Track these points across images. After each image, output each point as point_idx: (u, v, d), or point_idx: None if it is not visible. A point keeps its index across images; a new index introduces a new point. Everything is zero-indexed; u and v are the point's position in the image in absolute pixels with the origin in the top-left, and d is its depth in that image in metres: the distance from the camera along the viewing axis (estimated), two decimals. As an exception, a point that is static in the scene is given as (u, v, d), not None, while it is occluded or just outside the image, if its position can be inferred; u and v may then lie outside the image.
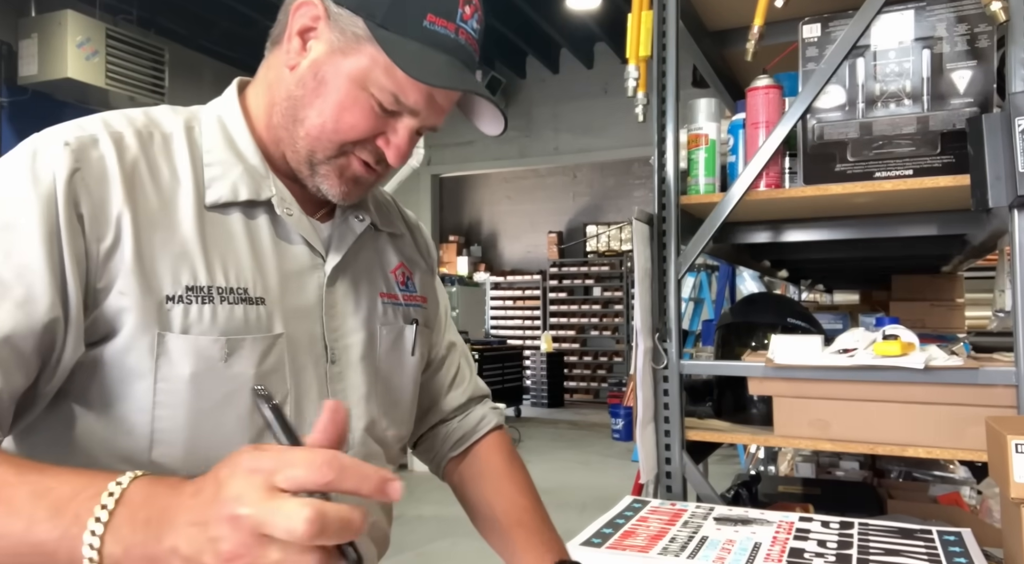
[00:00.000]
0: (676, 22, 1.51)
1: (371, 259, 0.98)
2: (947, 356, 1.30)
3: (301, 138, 0.84)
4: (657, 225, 1.52)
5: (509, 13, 8.16)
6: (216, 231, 0.82)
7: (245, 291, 0.82)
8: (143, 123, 0.83)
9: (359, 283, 0.95)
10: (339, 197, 0.87)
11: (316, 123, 0.83)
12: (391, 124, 0.84)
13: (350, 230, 0.94)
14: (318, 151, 0.84)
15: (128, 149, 0.79)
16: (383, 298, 0.97)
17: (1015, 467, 0.88)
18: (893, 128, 1.36)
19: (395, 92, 0.81)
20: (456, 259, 12.24)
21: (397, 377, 0.98)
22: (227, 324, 0.79)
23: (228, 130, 0.87)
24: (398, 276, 1.02)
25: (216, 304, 0.79)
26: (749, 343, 1.71)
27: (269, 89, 0.88)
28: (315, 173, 0.86)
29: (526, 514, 1.00)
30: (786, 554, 0.95)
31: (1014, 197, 1.14)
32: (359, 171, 0.86)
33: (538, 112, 9.89)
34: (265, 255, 0.85)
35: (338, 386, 0.89)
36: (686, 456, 1.50)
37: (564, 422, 9.84)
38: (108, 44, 5.69)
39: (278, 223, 0.87)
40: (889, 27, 1.36)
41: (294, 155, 0.86)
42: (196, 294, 0.78)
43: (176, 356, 0.76)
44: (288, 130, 0.86)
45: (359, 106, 0.82)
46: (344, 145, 0.84)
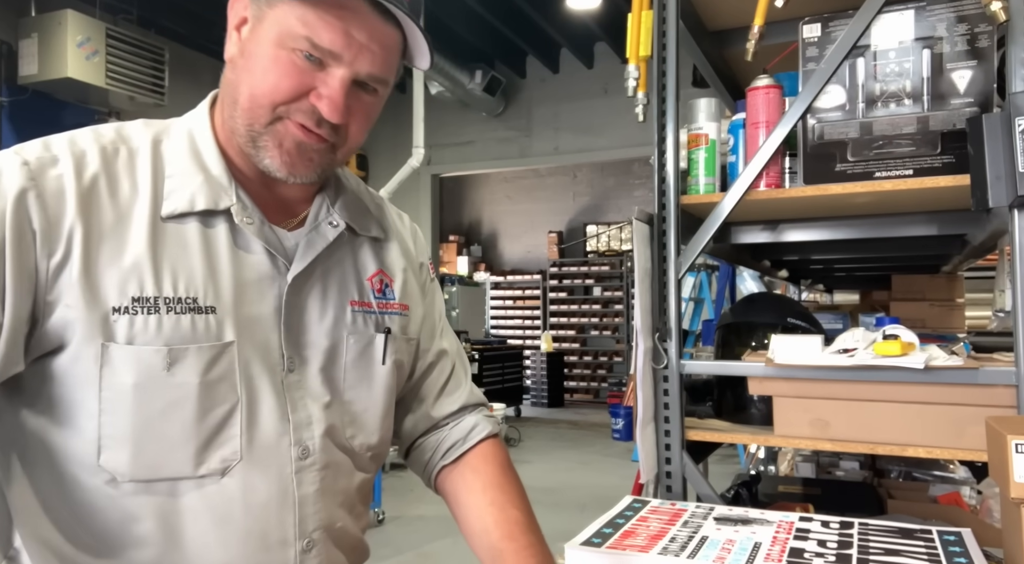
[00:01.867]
0: (676, 22, 1.51)
1: (345, 266, 0.97)
2: (947, 356, 1.30)
3: (239, 118, 0.84)
4: (657, 225, 1.52)
5: (509, 13, 8.16)
6: (170, 242, 0.83)
7: (195, 301, 0.82)
8: (111, 140, 0.85)
9: (327, 291, 0.93)
10: (284, 169, 0.85)
11: (247, 95, 0.83)
12: (320, 78, 0.82)
13: (321, 237, 0.93)
14: (254, 122, 0.83)
15: (88, 166, 0.81)
16: (354, 306, 0.95)
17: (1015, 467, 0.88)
18: (893, 128, 1.36)
19: (309, 36, 0.80)
20: (456, 259, 12.24)
21: (365, 386, 0.96)
22: (171, 334, 0.80)
23: (195, 142, 0.88)
24: (375, 284, 0.99)
25: (162, 314, 0.80)
26: (749, 343, 1.71)
27: (221, 92, 0.89)
28: (258, 149, 0.85)
29: (517, 528, 0.97)
30: (786, 554, 0.95)
31: (1014, 197, 1.14)
32: (298, 135, 0.83)
33: (538, 112, 9.89)
34: (220, 264, 0.85)
35: (296, 394, 0.88)
36: (686, 456, 1.49)
37: (564, 422, 9.84)
38: (108, 44, 5.69)
39: (238, 232, 0.87)
40: (889, 27, 1.36)
41: (240, 139, 0.86)
42: (142, 305, 0.79)
43: (119, 365, 0.78)
44: (232, 117, 0.86)
45: (280, 64, 0.81)
46: (275, 108, 0.82)
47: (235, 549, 0.83)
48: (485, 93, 9.41)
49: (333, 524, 0.91)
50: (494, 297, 12.45)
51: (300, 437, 0.88)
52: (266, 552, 0.85)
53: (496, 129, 10.04)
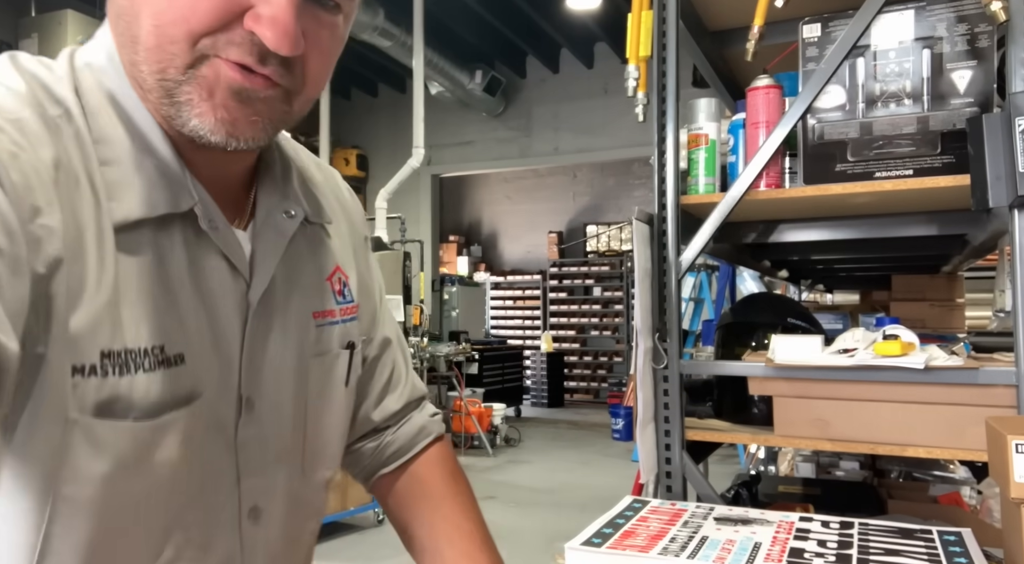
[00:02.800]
0: (676, 22, 1.51)
1: (304, 269, 0.75)
2: (947, 356, 1.30)
3: (143, 62, 0.57)
4: (657, 225, 1.52)
5: (509, 13, 8.17)
6: (126, 265, 0.58)
7: (162, 350, 0.60)
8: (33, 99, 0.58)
9: (289, 305, 0.72)
10: (221, 130, 0.58)
11: (152, 26, 0.56)
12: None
13: (278, 235, 0.70)
14: (166, 66, 0.56)
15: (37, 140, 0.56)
16: (317, 319, 0.75)
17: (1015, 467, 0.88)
18: (893, 128, 1.36)
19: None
20: (456, 259, 12.25)
21: (327, 414, 0.78)
22: (147, 401, 0.59)
23: (115, 98, 0.61)
24: (334, 284, 0.78)
25: (133, 374, 0.58)
26: (749, 343, 1.71)
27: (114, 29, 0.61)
28: (178, 106, 0.58)
29: (472, 544, 0.86)
30: (786, 554, 0.95)
31: (1014, 197, 1.14)
32: (235, 78, 0.57)
33: (538, 112, 9.90)
34: (181, 291, 0.62)
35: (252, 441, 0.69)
36: (686, 456, 1.49)
37: (564, 422, 9.84)
38: (108, 44, 5.70)
39: (195, 244, 0.64)
40: (889, 27, 1.36)
41: (151, 95, 0.59)
42: (113, 363, 0.57)
43: (89, 449, 0.56)
44: (133, 63, 0.59)
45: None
46: (196, 41, 0.56)
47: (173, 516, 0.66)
48: (485, 93, 9.42)
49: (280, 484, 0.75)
50: (494, 297, 12.45)
51: (253, 495, 0.70)
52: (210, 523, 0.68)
53: (496, 129, 10.05)
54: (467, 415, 7.38)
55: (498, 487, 6.11)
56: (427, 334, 7.12)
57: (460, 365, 7.55)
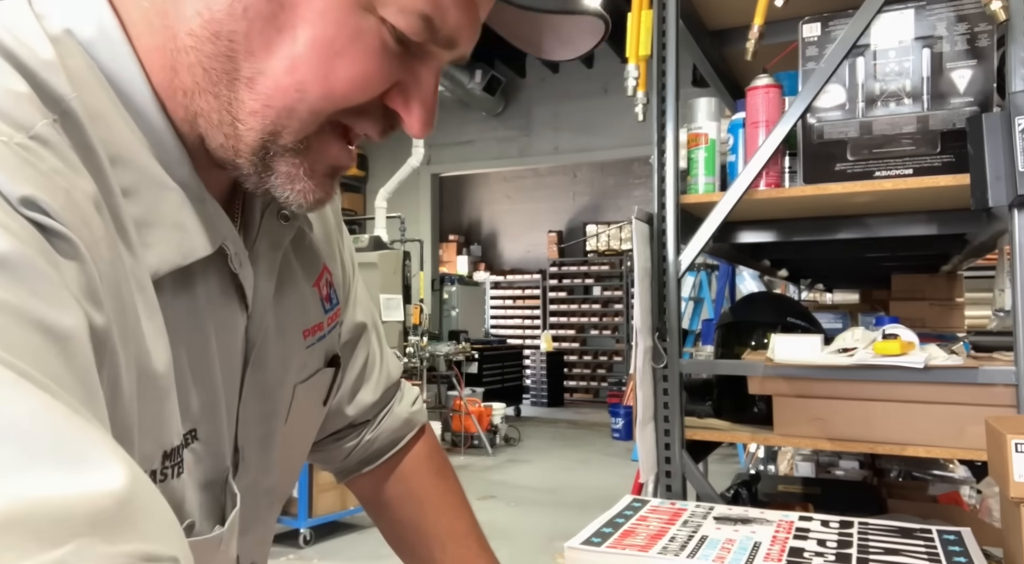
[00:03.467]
0: (676, 21, 1.51)
1: (296, 279, 0.62)
2: (947, 355, 1.30)
3: (252, 113, 0.45)
4: (657, 225, 1.52)
5: (509, 12, 8.16)
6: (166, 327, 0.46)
7: (193, 432, 0.50)
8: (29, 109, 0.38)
9: (284, 331, 0.60)
10: (311, 205, 0.50)
11: (285, 83, 0.44)
12: (410, 68, 0.48)
13: (272, 246, 0.57)
14: (285, 132, 0.46)
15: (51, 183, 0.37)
16: (307, 339, 0.64)
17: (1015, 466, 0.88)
18: (893, 127, 1.36)
19: (428, 12, 0.45)
20: (456, 258, 12.25)
21: (301, 435, 0.69)
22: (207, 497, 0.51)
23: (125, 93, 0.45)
24: (322, 289, 0.67)
25: (187, 463, 0.48)
26: (749, 342, 1.71)
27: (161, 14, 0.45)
28: (270, 169, 0.48)
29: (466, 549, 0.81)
30: (786, 553, 0.95)
31: (1014, 196, 1.14)
32: (343, 160, 0.50)
33: (538, 112, 9.90)
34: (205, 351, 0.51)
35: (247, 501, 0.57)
36: (686, 455, 1.49)
37: (564, 421, 9.85)
38: (108, 43, 5.69)
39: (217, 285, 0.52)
40: (889, 26, 1.36)
41: (231, 141, 0.46)
42: (172, 460, 0.46)
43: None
44: (220, 98, 0.45)
45: (363, 44, 0.45)
46: (334, 115, 0.47)
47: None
48: (485, 93, 9.42)
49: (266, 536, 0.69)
50: (494, 297, 12.46)
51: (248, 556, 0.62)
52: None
53: (496, 129, 10.05)
54: (467, 414, 7.38)
55: (498, 487, 6.11)
56: (427, 333, 7.12)
57: (460, 364, 7.55)
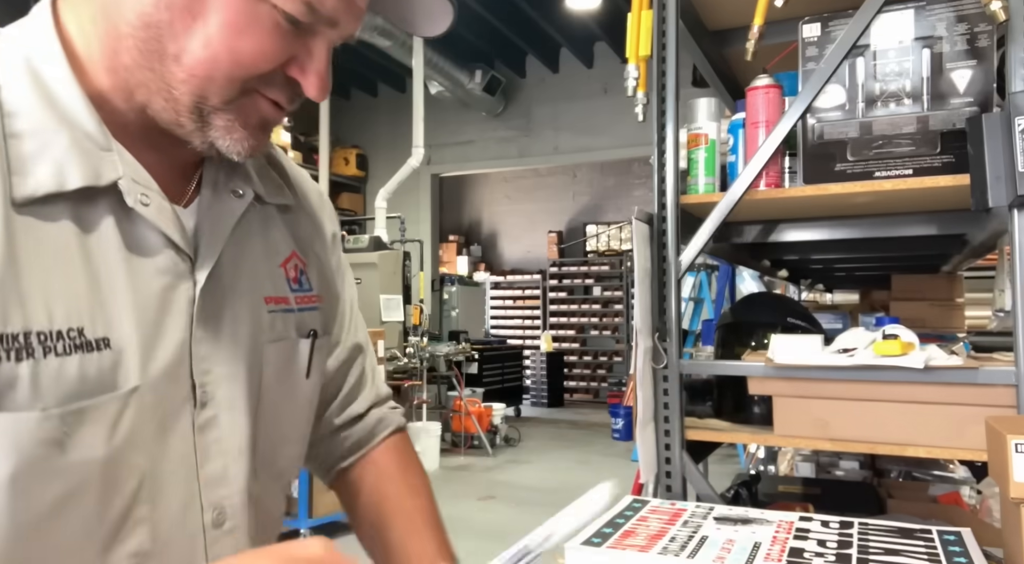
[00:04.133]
0: (676, 22, 1.51)
1: (254, 250, 0.73)
2: (947, 356, 1.30)
3: (181, 81, 0.59)
4: (657, 225, 1.52)
5: (509, 13, 8.17)
6: (31, 242, 0.55)
7: (80, 333, 0.56)
8: None
9: (238, 288, 0.69)
10: (244, 153, 0.63)
11: (202, 57, 0.58)
12: (303, 44, 0.62)
13: (226, 212, 0.68)
14: (211, 94, 0.60)
15: None
16: (269, 304, 0.73)
17: (1015, 467, 0.88)
18: (893, 128, 1.36)
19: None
20: (456, 259, 12.25)
21: (288, 408, 0.75)
22: (56, 388, 0.55)
23: (43, 79, 0.59)
24: (289, 270, 0.76)
25: (38, 359, 0.54)
26: (749, 343, 1.71)
27: (104, 13, 0.60)
28: (208, 125, 0.61)
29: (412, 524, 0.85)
30: (786, 554, 0.95)
31: (1014, 197, 1.14)
32: (269, 114, 0.64)
33: (538, 112, 9.90)
34: (108, 272, 0.59)
35: (210, 436, 0.66)
36: (686, 456, 1.49)
37: (564, 422, 9.84)
38: (108, 44, 5.69)
39: (128, 219, 0.61)
40: (889, 27, 1.36)
41: (168, 104, 0.60)
42: (7, 346, 0.53)
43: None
44: (155, 71, 0.59)
45: (260, 24, 0.59)
46: (247, 81, 0.60)
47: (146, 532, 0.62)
48: (485, 93, 9.42)
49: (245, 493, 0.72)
50: (494, 297, 12.46)
51: (215, 498, 0.66)
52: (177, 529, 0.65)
53: (496, 129, 10.05)
54: (467, 415, 7.38)
55: (498, 487, 6.11)
56: (427, 334, 7.12)
57: (460, 365, 7.55)
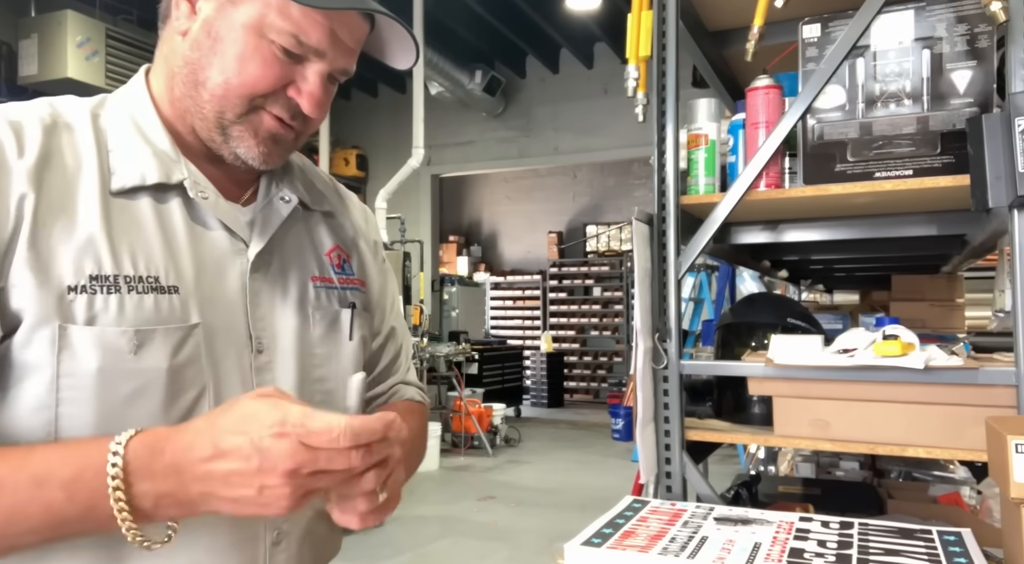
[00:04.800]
0: (676, 22, 1.51)
1: (301, 242, 0.94)
2: (947, 356, 1.30)
3: (206, 101, 0.81)
4: (657, 225, 1.52)
5: (509, 13, 8.17)
6: (123, 218, 0.79)
7: (156, 280, 0.78)
8: (47, 113, 0.80)
9: (288, 268, 0.91)
10: (259, 159, 0.84)
11: (219, 81, 0.80)
12: (299, 71, 0.82)
13: (275, 213, 0.91)
14: (227, 110, 0.81)
15: (29, 138, 0.76)
16: (315, 282, 0.93)
17: (1015, 467, 0.88)
18: (893, 128, 1.36)
19: (295, 32, 0.79)
20: (456, 259, 12.24)
21: (334, 363, 0.93)
22: (136, 314, 0.76)
23: (134, 114, 0.84)
24: (333, 259, 0.97)
25: (123, 294, 0.76)
26: (749, 343, 1.71)
27: (166, 63, 0.85)
28: (228, 137, 0.83)
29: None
30: (786, 554, 0.95)
31: (1014, 197, 1.14)
32: (274, 128, 0.83)
33: (538, 112, 9.89)
34: (178, 241, 0.81)
35: (265, 377, 0.85)
36: (686, 456, 1.49)
37: (564, 422, 9.84)
38: (108, 44, 5.70)
39: (192, 208, 0.84)
40: (889, 27, 1.36)
41: (203, 122, 0.83)
42: (101, 284, 0.75)
43: (80, 349, 0.73)
44: (192, 97, 0.82)
45: (260, 54, 0.80)
46: (253, 99, 0.81)
47: (202, 547, 0.79)
48: (485, 93, 9.41)
49: (303, 514, 0.88)
50: (494, 297, 12.45)
51: None
52: (235, 549, 0.81)
53: (496, 129, 10.05)
54: (467, 415, 7.38)
55: (498, 487, 6.11)
56: (427, 334, 7.12)
57: (460, 365, 7.55)
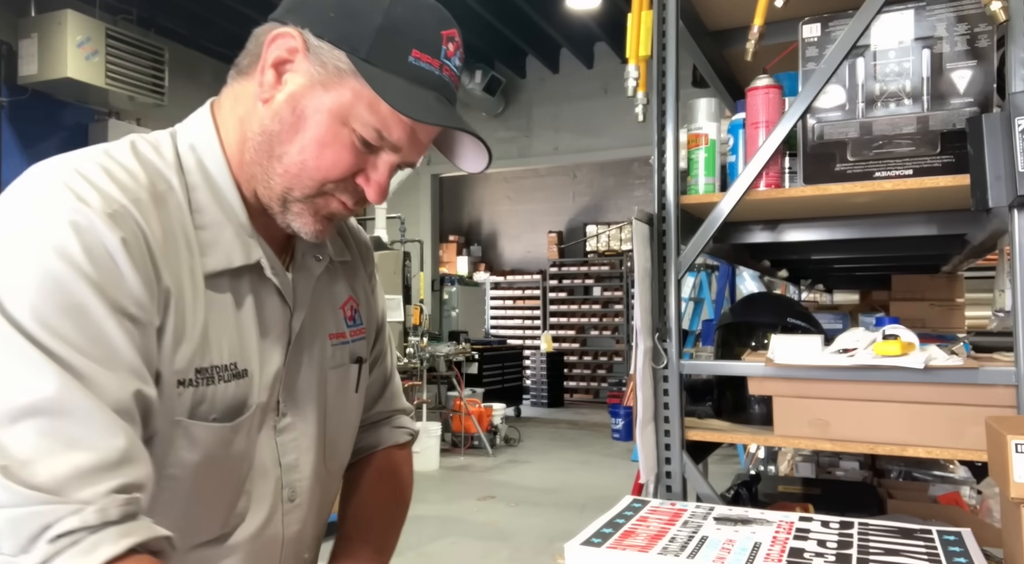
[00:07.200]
0: (676, 22, 1.51)
1: (323, 298, 0.96)
2: (947, 356, 1.30)
3: (278, 175, 0.81)
4: (657, 225, 1.52)
5: (509, 13, 8.16)
6: (213, 303, 0.79)
7: (235, 366, 0.80)
8: (150, 179, 0.77)
9: (315, 330, 0.93)
10: (312, 235, 0.84)
11: (296, 160, 0.79)
12: (371, 160, 0.82)
13: (309, 274, 0.92)
14: (295, 189, 0.81)
15: (150, 216, 0.74)
16: (332, 340, 0.96)
17: (1015, 467, 0.88)
18: (893, 128, 1.36)
19: (379, 127, 0.79)
20: (456, 259, 12.24)
21: (342, 416, 0.98)
22: (226, 404, 0.78)
23: (214, 180, 0.82)
24: (346, 311, 1.00)
25: (216, 384, 0.78)
26: (749, 343, 1.71)
27: (241, 124, 0.83)
28: (287, 211, 0.82)
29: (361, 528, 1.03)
30: (786, 554, 0.95)
31: (1014, 197, 1.14)
32: (336, 209, 0.84)
33: (538, 112, 9.89)
34: (247, 321, 0.83)
35: (288, 437, 0.89)
36: (686, 456, 1.49)
37: (564, 422, 9.84)
38: (108, 44, 5.69)
39: (260, 284, 0.85)
40: (889, 27, 1.36)
41: (267, 192, 0.82)
42: (203, 376, 0.76)
43: (186, 442, 0.76)
44: (262, 166, 0.81)
45: (340, 142, 0.79)
46: (324, 184, 0.81)
47: None
48: (485, 93, 9.41)
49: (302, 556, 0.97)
50: (494, 297, 12.45)
51: (290, 480, 0.89)
52: None
53: (496, 129, 10.04)
54: (467, 415, 7.37)
55: (498, 487, 6.11)
56: (427, 334, 7.12)
57: (460, 365, 7.54)
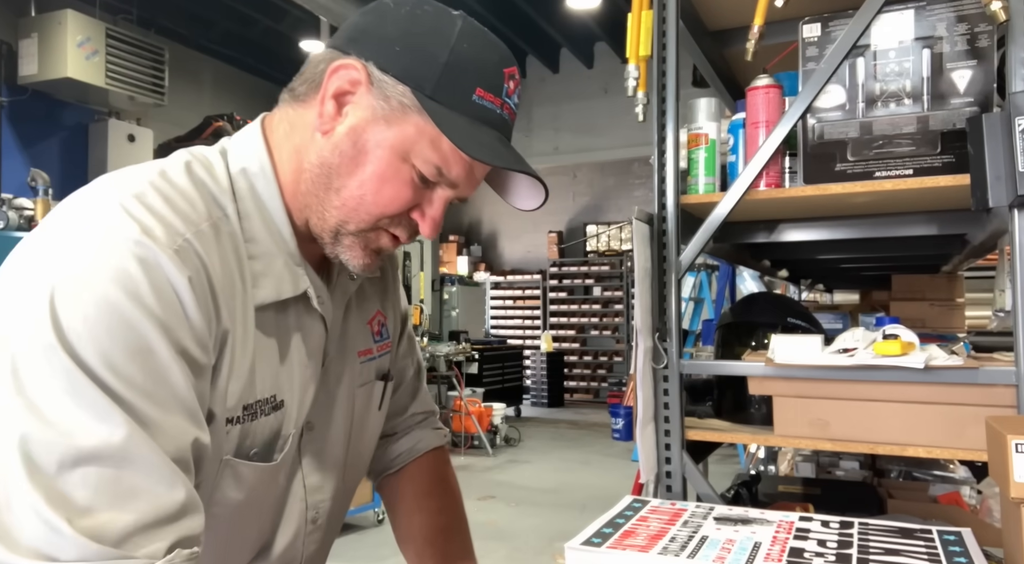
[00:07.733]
0: (676, 22, 1.51)
1: (354, 315, 0.95)
2: (947, 356, 1.30)
3: (335, 207, 0.79)
4: (657, 225, 1.52)
5: (509, 13, 8.16)
6: (259, 335, 0.77)
7: (275, 398, 0.79)
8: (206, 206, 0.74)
9: (345, 348, 0.92)
10: (359, 269, 0.82)
11: (355, 194, 0.78)
12: (427, 195, 0.80)
13: (343, 293, 0.91)
14: (351, 222, 0.79)
15: (210, 248, 0.72)
16: (360, 357, 0.95)
17: (1015, 467, 0.88)
18: (893, 128, 1.36)
19: (440, 165, 0.77)
20: (456, 259, 12.24)
21: (366, 432, 0.99)
22: (265, 439, 0.78)
23: (264, 205, 0.80)
24: (374, 326, 0.99)
25: (259, 419, 0.77)
26: (749, 343, 1.71)
27: (297, 153, 0.81)
28: (338, 243, 0.81)
29: (441, 535, 1.03)
30: (786, 554, 0.95)
31: (1014, 197, 1.13)
32: (385, 244, 0.82)
33: (538, 112, 9.89)
34: (291, 352, 0.81)
35: (311, 456, 0.88)
36: (686, 456, 1.49)
37: (564, 422, 9.84)
38: (108, 44, 5.69)
39: (305, 312, 0.83)
40: (889, 27, 1.36)
41: (320, 222, 0.80)
42: (248, 412, 0.76)
43: (232, 480, 0.75)
44: (319, 198, 0.79)
45: (400, 178, 0.77)
46: (380, 219, 0.79)
47: None
48: (485, 93, 9.40)
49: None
50: (494, 297, 12.45)
51: (314, 501, 0.90)
52: None
53: (496, 129, 10.04)
54: (467, 415, 7.38)
55: (498, 487, 6.11)
56: (427, 334, 7.12)
57: (460, 365, 7.54)
